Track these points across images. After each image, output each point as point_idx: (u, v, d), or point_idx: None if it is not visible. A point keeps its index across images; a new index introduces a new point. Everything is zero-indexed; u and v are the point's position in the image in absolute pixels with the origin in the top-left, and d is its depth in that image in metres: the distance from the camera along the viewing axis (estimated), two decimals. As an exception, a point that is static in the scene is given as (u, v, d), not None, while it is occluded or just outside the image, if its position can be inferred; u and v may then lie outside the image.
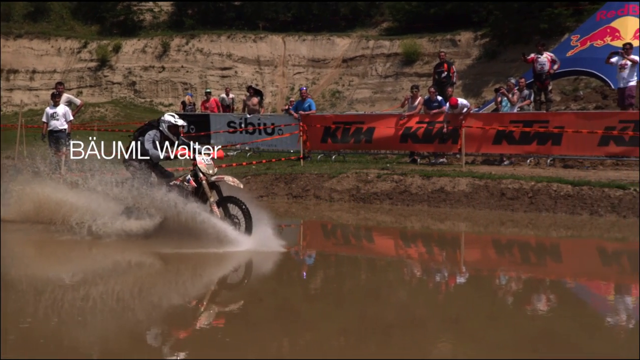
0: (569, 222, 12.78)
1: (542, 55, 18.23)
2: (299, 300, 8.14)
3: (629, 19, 22.01)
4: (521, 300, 8.25)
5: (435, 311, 7.69)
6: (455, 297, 8.40)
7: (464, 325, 7.06)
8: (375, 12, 41.97)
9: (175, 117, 10.92)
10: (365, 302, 8.03)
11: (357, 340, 6.54)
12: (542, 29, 32.20)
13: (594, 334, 6.79)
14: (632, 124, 15.20)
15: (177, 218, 9.95)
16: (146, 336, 6.66)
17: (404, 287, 8.87)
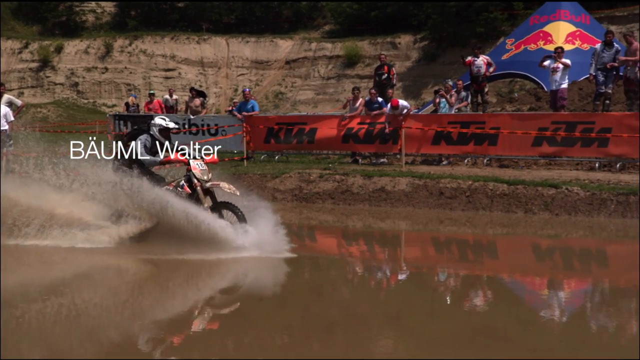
0: (505, 220, 13.02)
1: (478, 58, 18.50)
2: (243, 299, 8.10)
3: (561, 24, 22.51)
4: (460, 296, 8.37)
5: (377, 308, 7.74)
6: (396, 294, 8.48)
7: (404, 322, 7.13)
8: (318, 15, 42.09)
9: (166, 120, 10.42)
10: (308, 300, 8.04)
11: (301, 338, 6.55)
12: (478, 32, 32.74)
13: (529, 328, 6.92)
14: (563, 125, 15.54)
15: (174, 220, 9.51)
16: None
17: (346, 285, 8.91)
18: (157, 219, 9.84)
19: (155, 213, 9.76)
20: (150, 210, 9.79)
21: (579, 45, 21.75)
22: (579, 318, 7.49)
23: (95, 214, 10.30)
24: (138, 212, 10.05)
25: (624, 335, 6.69)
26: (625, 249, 11.23)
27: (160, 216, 9.71)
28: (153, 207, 9.66)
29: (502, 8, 33.49)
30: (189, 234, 9.39)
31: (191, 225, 9.35)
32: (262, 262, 9.21)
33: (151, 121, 10.47)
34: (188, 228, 9.39)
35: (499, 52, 23.66)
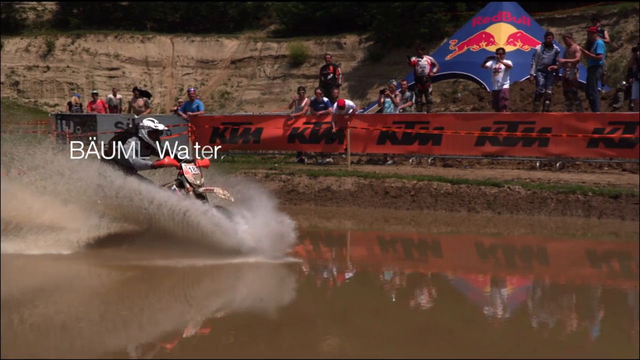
0: (449, 218, 13.18)
1: (422, 58, 18.68)
2: (191, 301, 8.03)
3: (502, 25, 22.89)
4: (405, 294, 8.44)
5: (324, 307, 7.75)
6: (343, 294, 8.50)
7: (351, 321, 7.15)
8: (263, 15, 41.98)
9: (154, 121, 9.97)
10: (254, 300, 8.01)
11: (248, 338, 6.52)
12: (422, 33, 33.03)
13: (472, 325, 7.01)
14: (505, 124, 15.79)
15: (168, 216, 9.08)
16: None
17: (292, 284, 8.89)
18: (145, 219, 9.33)
19: (143, 210, 9.26)
20: (138, 211, 9.29)
21: (520, 47, 22.14)
22: (520, 315, 7.61)
23: (70, 216, 9.78)
24: (119, 212, 9.57)
25: (564, 332, 6.83)
26: (565, 247, 11.47)
27: (150, 214, 9.23)
28: (142, 203, 9.21)
29: (446, 9, 33.86)
30: (179, 232, 9.07)
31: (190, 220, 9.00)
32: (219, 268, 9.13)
33: (139, 123, 10.05)
34: (184, 225, 9.03)
35: (442, 53, 23.94)
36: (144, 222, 9.37)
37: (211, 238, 8.92)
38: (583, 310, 7.71)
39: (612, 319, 7.31)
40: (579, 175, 14.61)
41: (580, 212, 12.76)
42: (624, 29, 29.31)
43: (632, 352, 5.97)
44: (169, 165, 9.66)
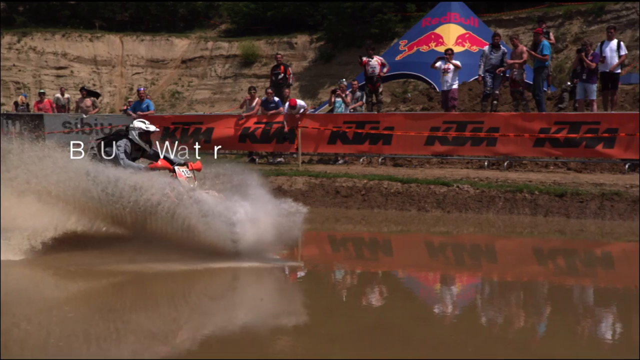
0: (399, 217, 13.27)
1: (372, 58, 18.77)
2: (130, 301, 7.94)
3: (451, 26, 23.11)
4: (356, 293, 8.46)
5: (274, 306, 7.73)
6: (294, 292, 8.49)
7: (302, 319, 7.14)
8: (214, 14, 41.69)
9: (145, 123, 9.76)
10: (206, 300, 7.95)
11: (202, 339, 6.46)
12: (373, 33, 33.15)
13: (422, 323, 7.06)
14: (454, 124, 15.97)
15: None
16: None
17: (244, 283, 8.86)
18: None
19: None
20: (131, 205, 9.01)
21: (469, 47, 22.39)
22: (470, 312, 7.70)
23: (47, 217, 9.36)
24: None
25: (512, 328, 6.92)
26: (512, 245, 11.65)
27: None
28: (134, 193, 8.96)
29: (396, 10, 34.05)
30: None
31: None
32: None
33: (129, 125, 9.78)
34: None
35: (392, 53, 24.09)
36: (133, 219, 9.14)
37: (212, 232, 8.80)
38: (531, 307, 7.83)
39: (559, 315, 7.44)
40: (525, 174, 14.85)
41: (527, 211, 12.97)
42: (569, 30, 29.86)
43: (578, 349, 6.09)
44: (162, 168, 9.38)
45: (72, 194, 9.35)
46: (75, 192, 9.34)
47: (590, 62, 15.77)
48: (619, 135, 14.48)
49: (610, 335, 6.66)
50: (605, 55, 15.93)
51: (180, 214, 8.86)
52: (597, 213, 12.60)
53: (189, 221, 8.86)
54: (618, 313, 7.47)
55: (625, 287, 8.73)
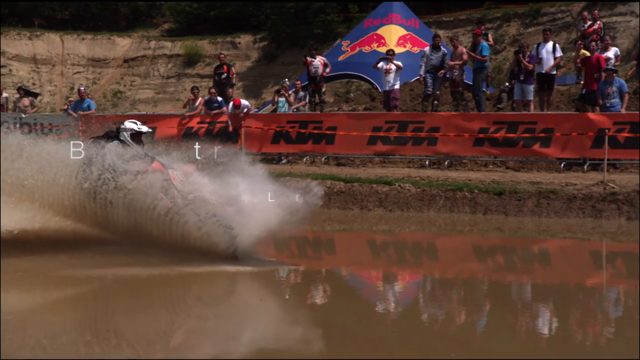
0: (342, 216, 13.31)
1: (315, 59, 18.78)
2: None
3: (393, 27, 23.27)
4: (300, 291, 8.44)
5: (220, 305, 7.66)
6: (238, 291, 8.42)
7: (244, 317, 7.09)
8: (156, 13, 41.20)
9: (137, 123, 9.25)
10: (125, 300, 7.81)
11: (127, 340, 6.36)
12: (316, 34, 33.20)
13: (365, 320, 7.08)
14: (396, 124, 16.08)
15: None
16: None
17: (188, 282, 8.75)
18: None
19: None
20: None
21: (410, 48, 22.58)
22: (412, 309, 7.75)
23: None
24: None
25: (453, 325, 6.99)
26: (453, 242, 11.79)
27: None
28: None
29: (338, 10, 34.16)
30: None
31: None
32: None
33: (120, 126, 9.29)
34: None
35: (335, 54, 24.15)
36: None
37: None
38: (471, 304, 7.92)
39: (498, 311, 7.54)
40: (465, 173, 15.04)
41: (467, 209, 13.13)
42: (507, 32, 30.37)
43: (517, 344, 6.18)
44: (157, 171, 8.95)
45: (55, 197, 9.11)
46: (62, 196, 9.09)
47: (527, 63, 16.04)
48: (554, 135, 14.76)
49: (547, 330, 6.77)
50: (541, 56, 16.23)
51: (175, 219, 8.65)
52: (534, 211, 12.83)
53: (184, 226, 8.65)
54: (555, 308, 7.60)
55: (561, 283, 8.91)
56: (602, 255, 10.79)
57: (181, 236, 8.67)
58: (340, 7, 34.16)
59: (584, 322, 7.02)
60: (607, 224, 12.18)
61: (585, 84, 15.94)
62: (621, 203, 12.50)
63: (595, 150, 14.38)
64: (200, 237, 8.63)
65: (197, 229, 8.64)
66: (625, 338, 6.35)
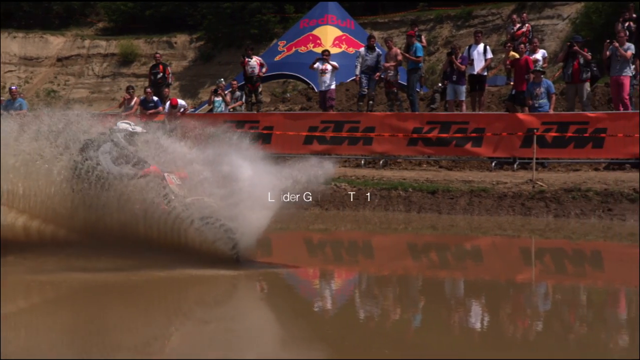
0: (278, 215, 13.22)
1: (252, 59, 18.70)
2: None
3: (328, 28, 23.36)
4: (237, 290, 8.37)
5: (160, 302, 7.52)
6: (166, 290, 8.29)
7: (177, 316, 6.99)
8: (91, 12, 40.43)
9: (131, 124, 8.85)
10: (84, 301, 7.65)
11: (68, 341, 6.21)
12: (253, 34, 33.09)
13: (302, 319, 7.06)
14: (332, 124, 16.14)
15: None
16: None
17: (135, 281, 8.56)
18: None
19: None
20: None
21: (345, 49, 22.70)
22: (348, 307, 7.76)
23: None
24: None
25: (388, 322, 7.02)
26: (388, 240, 11.87)
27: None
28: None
29: (275, 11, 34.11)
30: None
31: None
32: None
33: (112, 127, 8.81)
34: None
35: (272, 54, 24.11)
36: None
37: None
38: (406, 300, 7.98)
39: (432, 307, 7.61)
40: (400, 172, 15.17)
41: (402, 207, 13.25)
42: (440, 34, 30.79)
43: (451, 339, 6.24)
44: (154, 175, 8.54)
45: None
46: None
47: (459, 64, 16.27)
48: (486, 135, 15.02)
49: (479, 326, 6.86)
50: (473, 58, 16.49)
51: (175, 224, 8.39)
52: (466, 209, 13.03)
53: (183, 231, 8.39)
54: (487, 304, 7.71)
55: (493, 279, 9.05)
56: (531, 252, 11.01)
57: (179, 240, 8.42)
58: (277, 7, 34.12)
59: (514, 317, 7.13)
60: (536, 221, 12.45)
61: (514, 85, 16.27)
62: (549, 201, 12.79)
63: (524, 149, 14.68)
64: (200, 242, 8.42)
65: (197, 234, 8.40)
66: (554, 332, 6.48)
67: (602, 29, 22.66)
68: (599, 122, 14.54)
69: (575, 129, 14.52)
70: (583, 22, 26.21)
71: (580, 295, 8.20)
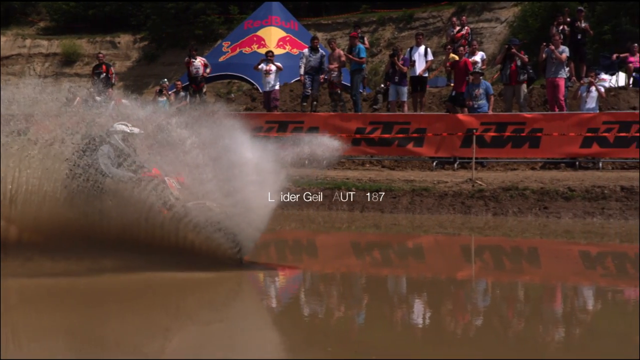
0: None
1: (196, 59, 18.54)
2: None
3: (272, 29, 23.31)
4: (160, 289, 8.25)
5: (138, 308, 7.37)
6: (188, 290, 8.14)
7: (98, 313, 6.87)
8: (32, 11, 39.53)
9: (128, 125, 8.41)
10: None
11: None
12: (197, 34, 32.82)
13: (246, 318, 7.01)
14: (276, 124, 16.12)
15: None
16: None
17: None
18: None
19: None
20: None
21: (289, 50, 22.68)
22: (292, 305, 7.73)
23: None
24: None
25: (332, 319, 7.02)
26: (332, 239, 11.90)
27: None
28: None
29: (219, 12, 33.90)
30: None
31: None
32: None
33: (109, 128, 8.40)
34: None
35: (216, 54, 23.95)
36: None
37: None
38: (349, 298, 7.99)
39: (375, 304, 7.63)
40: (343, 172, 15.21)
41: (345, 207, 13.29)
42: (382, 36, 31.01)
43: (394, 335, 6.27)
44: (156, 177, 8.19)
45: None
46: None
47: (401, 66, 16.41)
48: (427, 135, 15.17)
49: (421, 322, 6.91)
50: (414, 59, 16.64)
51: (177, 228, 8.14)
52: (408, 208, 13.14)
53: (185, 236, 8.17)
54: (429, 300, 7.78)
55: (434, 276, 9.14)
56: (471, 249, 11.15)
57: (181, 244, 8.23)
58: (221, 8, 33.90)
59: (455, 313, 7.21)
60: (475, 219, 12.63)
61: (454, 86, 16.48)
62: (488, 199, 12.98)
63: (464, 149, 14.89)
64: (201, 245, 8.23)
65: (200, 239, 8.20)
66: (492, 328, 6.57)
67: (538, 32, 23.15)
68: (535, 123, 14.84)
69: (513, 129, 14.79)
70: (520, 25, 26.70)
71: (518, 291, 8.34)
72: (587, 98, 15.36)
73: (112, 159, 8.24)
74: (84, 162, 8.21)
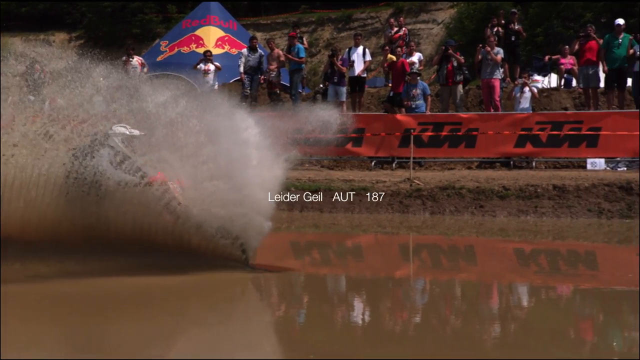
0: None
1: (133, 58, 18.25)
2: None
3: (211, 29, 23.09)
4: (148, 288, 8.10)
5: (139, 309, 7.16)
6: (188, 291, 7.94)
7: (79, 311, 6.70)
8: (-38, 7, 38.37)
9: (128, 127, 8.03)
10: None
11: None
12: (134, 33, 32.34)
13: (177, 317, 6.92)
14: (215, 124, 15.91)
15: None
16: None
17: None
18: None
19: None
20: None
21: (228, 50, 22.49)
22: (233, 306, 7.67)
23: None
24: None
25: (272, 319, 6.98)
26: (270, 240, 11.75)
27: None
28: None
29: (157, 11, 33.49)
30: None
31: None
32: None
33: (108, 130, 8.05)
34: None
35: (154, 54, 23.62)
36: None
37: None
38: (289, 298, 7.94)
39: (315, 304, 7.61)
40: (284, 171, 15.13)
41: (284, 206, 13.22)
42: (321, 36, 31.08)
43: (333, 334, 6.25)
44: (160, 183, 7.82)
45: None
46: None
47: (340, 66, 16.44)
48: (365, 135, 15.24)
49: (360, 320, 6.93)
50: (353, 60, 16.70)
51: (182, 235, 7.96)
52: (347, 207, 13.18)
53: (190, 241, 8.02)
54: (367, 299, 7.79)
55: (373, 275, 9.17)
56: (409, 248, 11.23)
57: (187, 248, 8.10)
58: (159, 7, 33.49)
59: (394, 311, 7.24)
60: (413, 218, 12.75)
61: (392, 86, 16.60)
62: (425, 199, 13.12)
63: (402, 149, 15.00)
64: (208, 250, 8.16)
65: (207, 245, 8.08)
66: (430, 325, 6.62)
67: (474, 34, 23.51)
68: (471, 123, 15.06)
69: (450, 129, 14.98)
70: (456, 27, 27.10)
71: (456, 288, 8.42)
72: (521, 98, 15.67)
73: (114, 164, 7.93)
74: (84, 166, 7.96)
